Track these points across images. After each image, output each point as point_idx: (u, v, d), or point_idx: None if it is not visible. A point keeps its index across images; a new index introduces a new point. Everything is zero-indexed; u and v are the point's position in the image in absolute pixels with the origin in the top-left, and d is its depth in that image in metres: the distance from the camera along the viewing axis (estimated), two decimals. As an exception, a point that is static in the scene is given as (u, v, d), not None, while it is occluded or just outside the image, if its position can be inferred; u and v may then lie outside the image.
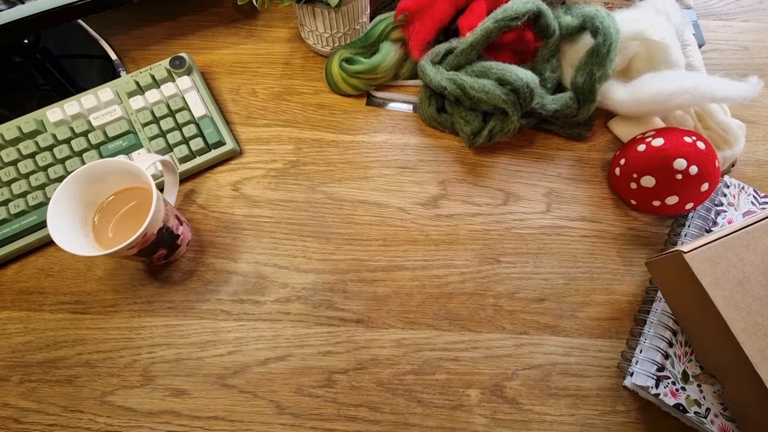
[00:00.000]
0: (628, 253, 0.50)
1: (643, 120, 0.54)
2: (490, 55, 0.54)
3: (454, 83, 0.51)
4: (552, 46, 0.53)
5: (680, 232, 0.49)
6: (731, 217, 0.49)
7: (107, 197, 0.45)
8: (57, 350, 0.45)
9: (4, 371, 0.45)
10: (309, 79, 0.59)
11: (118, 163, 0.43)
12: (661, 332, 0.44)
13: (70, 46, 0.61)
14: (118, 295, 0.48)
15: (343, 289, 0.48)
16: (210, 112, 0.54)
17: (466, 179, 0.54)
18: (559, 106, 0.52)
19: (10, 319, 0.47)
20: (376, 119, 0.57)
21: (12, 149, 0.49)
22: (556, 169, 0.54)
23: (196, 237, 0.50)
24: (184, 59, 0.55)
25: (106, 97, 0.52)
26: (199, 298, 0.47)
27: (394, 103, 0.58)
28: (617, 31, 0.49)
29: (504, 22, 0.49)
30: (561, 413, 0.44)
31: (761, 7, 0.66)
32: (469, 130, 0.53)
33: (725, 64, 0.61)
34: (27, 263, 0.49)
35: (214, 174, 0.54)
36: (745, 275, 0.39)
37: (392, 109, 0.58)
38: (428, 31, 0.54)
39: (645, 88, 0.50)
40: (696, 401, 0.42)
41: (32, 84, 0.58)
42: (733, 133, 0.51)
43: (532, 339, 0.47)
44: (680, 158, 0.45)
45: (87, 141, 0.51)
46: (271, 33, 0.62)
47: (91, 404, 0.43)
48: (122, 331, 0.46)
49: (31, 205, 0.48)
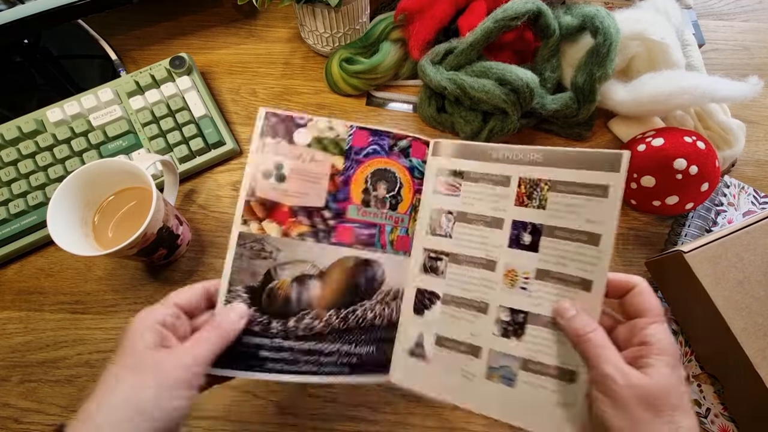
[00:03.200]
0: (628, 253, 0.50)
1: (643, 120, 0.54)
2: (490, 55, 0.54)
3: (454, 83, 0.51)
4: (552, 46, 0.53)
5: (680, 232, 0.49)
6: (731, 217, 0.49)
7: (107, 197, 0.45)
8: (57, 350, 0.45)
9: (4, 371, 0.45)
10: (309, 79, 0.59)
11: (118, 163, 0.43)
12: (661, 332, 0.44)
13: (70, 46, 0.61)
14: (118, 295, 0.48)
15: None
16: (210, 112, 0.54)
17: (466, 179, 0.54)
18: (559, 106, 0.52)
19: (10, 319, 0.47)
20: (376, 119, 0.57)
21: (12, 149, 0.49)
22: (556, 169, 0.54)
23: (196, 237, 0.50)
24: (184, 59, 0.55)
25: (106, 97, 0.52)
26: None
27: (394, 103, 0.58)
28: (617, 31, 0.49)
29: (504, 21, 0.49)
30: (561, 413, 0.44)
31: (761, 7, 0.66)
32: (469, 129, 0.53)
33: (725, 64, 0.61)
34: (27, 263, 0.49)
35: (214, 174, 0.53)
36: (745, 275, 0.39)
37: (392, 109, 0.58)
38: (428, 30, 0.54)
39: (645, 88, 0.50)
40: (696, 401, 0.42)
41: (32, 84, 0.58)
42: (733, 133, 0.51)
43: (532, 339, 0.47)
44: (680, 158, 0.45)
45: (87, 141, 0.51)
46: (271, 33, 0.62)
47: (91, 404, 0.43)
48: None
49: (31, 205, 0.48)
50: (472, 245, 0.35)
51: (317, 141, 0.36)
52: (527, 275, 0.34)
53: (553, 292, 0.33)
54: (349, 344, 0.35)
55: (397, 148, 0.37)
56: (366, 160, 0.37)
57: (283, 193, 0.35)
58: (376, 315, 0.36)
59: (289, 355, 0.34)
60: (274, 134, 0.36)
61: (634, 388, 0.27)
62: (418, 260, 0.37)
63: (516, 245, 0.34)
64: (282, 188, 0.35)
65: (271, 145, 0.36)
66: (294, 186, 0.36)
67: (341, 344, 0.35)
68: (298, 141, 0.36)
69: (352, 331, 0.35)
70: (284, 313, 0.34)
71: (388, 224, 0.36)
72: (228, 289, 0.34)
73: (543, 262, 0.33)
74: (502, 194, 0.35)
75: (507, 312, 0.34)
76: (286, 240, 0.35)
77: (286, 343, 0.34)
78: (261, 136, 0.36)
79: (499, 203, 0.35)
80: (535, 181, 0.34)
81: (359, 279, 0.36)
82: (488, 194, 0.35)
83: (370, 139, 0.37)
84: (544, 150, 0.34)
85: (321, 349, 0.35)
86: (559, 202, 0.33)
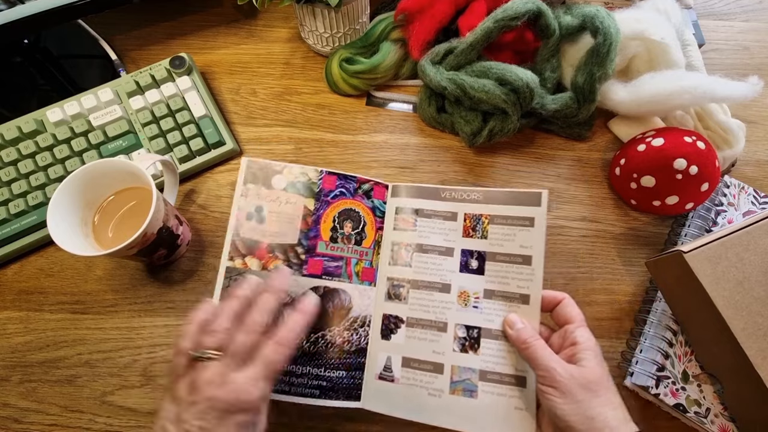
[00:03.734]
0: (628, 253, 0.50)
1: (643, 120, 0.54)
2: (491, 55, 0.54)
3: (454, 83, 0.51)
4: (552, 46, 0.53)
5: (680, 232, 0.49)
6: (731, 217, 0.49)
7: (107, 197, 0.45)
8: (57, 350, 0.45)
9: (4, 371, 0.45)
10: (309, 79, 0.59)
11: (118, 163, 0.43)
12: (662, 332, 0.44)
13: (70, 46, 0.61)
14: (118, 295, 0.48)
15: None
16: (210, 112, 0.54)
17: (466, 179, 0.54)
18: (559, 106, 0.52)
19: (10, 319, 0.47)
20: (376, 119, 0.57)
21: (12, 149, 0.49)
22: (556, 169, 0.54)
23: (196, 237, 0.50)
24: (184, 59, 0.55)
25: (106, 97, 0.52)
26: (199, 298, 0.47)
27: (394, 103, 0.58)
28: (617, 31, 0.49)
29: (504, 21, 0.49)
30: (561, 413, 0.44)
31: (761, 7, 0.66)
32: (469, 130, 0.53)
33: (725, 64, 0.61)
34: (27, 263, 0.49)
35: (214, 174, 0.53)
36: (745, 275, 0.39)
37: (392, 109, 0.58)
38: (428, 30, 0.54)
39: (645, 88, 0.50)
40: (696, 401, 0.42)
41: (32, 84, 0.58)
42: (733, 133, 0.51)
43: (532, 339, 0.47)
44: (680, 158, 0.45)
45: (87, 141, 0.51)
46: (271, 33, 0.62)
47: (91, 404, 0.43)
48: (122, 331, 0.46)
49: (31, 205, 0.48)
50: (429, 272, 0.41)
51: (292, 185, 0.42)
52: (477, 295, 0.40)
53: (500, 308, 0.39)
54: (318, 367, 0.39)
55: (361, 190, 0.44)
56: (334, 201, 0.43)
57: (263, 233, 0.41)
58: (345, 340, 0.40)
59: None
60: (254, 180, 0.42)
61: (574, 377, 0.33)
62: (382, 289, 0.42)
63: (465, 270, 0.40)
64: (261, 228, 0.41)
65: (252, 189, 0.41)
66: (272, 227, 0.41)
67: (311, 367, 0.39)
68: (276, 185, 0.42)
69: (322, 355, 0.39)
70: None
71: (354, 257, 0.42)
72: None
73: (489, 283, 0.40)
74: (451, 227, 0.42)
75: (463, 329, 0.39)
76: (265, 273, 0.40)
77: None
78: (244, 182, 0.41)
79: (449, 235, 0.41)
80: (478, 216, 0.41)
81: (327, 304, 0.40)
82: (440, 228, 0.42)
83: (338, 183, 0.43)
84: (483, 190, 0.42)
85: (293, 371, 0.38)
86: (498, 232, 0.40)
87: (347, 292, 0.41)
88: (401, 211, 0.43)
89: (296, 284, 0.40)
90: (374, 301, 0.41)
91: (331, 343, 0.39)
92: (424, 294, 0.41)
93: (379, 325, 0.41)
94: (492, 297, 0.39)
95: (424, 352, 0.39)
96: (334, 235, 0.42)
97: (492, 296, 0.39)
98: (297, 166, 0.43)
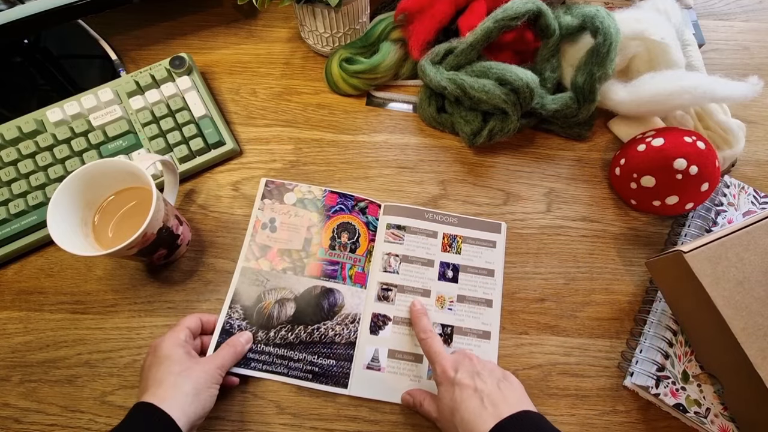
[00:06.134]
0: (628, 253, 0.50)
1: (643, 120, 0.54)
2: (491, 55, 0.54)
3: (454, 83, 0.51)
4: (552, 46, 0.53)
5: (680, 232, 0.49)
6: (731, 217, 0.49)
7: (107, 197, 0.45)
8: (57, 350, 0.45)
9: (4, 371, 0.45)
10: (309, 79, 0.59)
11: (118, 163, 0.43)
12: (662, 332, 0.44)
13: (70, 46, 0.61)
14: (118, 295, 0.48)
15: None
16: (210, 112, 0.54)
17: (466, 179, 0.54)
18: (559, 106, 0.52)
19: (10, 319, 0.47)
20: (376, 119, 0.57)
21: (12, 149, 0.49)
22: (556, 169, 0.54)
23: (196, 237, 0.50)
24: (184, 59, 0.55)
25: (106, 97, 0.52)
26: (199, 298, 0.47)
27: (394, 103, 0.58)
28: (617, 31, 0.49)
29: (504, 21, 0.49)
30: (561, 413, 0.44)
31: (761, 7, 0.66)
32: (469, 130, 0.53)
33: (725, 64, 0.61)
34: (27, 263, 0.49)
35: (214, 174, 0.53)
36: (745, 275, 0.39)
37: (392, 109, 0.58)
38: (428, 30, 0.54)
39: (645, 88, 0.50)
40: (696, 401, 0.42)
41: (32, 84, 0.58)
42: (733, 133, 0.51)
43: (532, 339, 0.47)
44: (680, 158, 0.45)
45: (87, 141, 0.51)
46: (271, 33, 0.62)
47: (91, 404, 0.43)
48: (122, 331, 0.46)
49: (31, 205, 0.48)
50: (413, 279, 0.48)
51: (300, 201, 0.51)
52: (452, 299, 0.48)
53: (469, 310, 0.47)
54: (313, 355, 0.45)
55: (358, 207, 0.51)
56: (334, 216, 0.50)
57: (274, 240, 0.49)
58: (336, 333, 0.46)
59: (268, 357, 0.44)
60: (270, 196, 0.51)
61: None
62: (373, 292, 0.48)
63: (443, 279, 0.49)
64: (274, 236, 0.49)
65: (268, 204, 0.51)
66: (282, 235, 0.49)
67: (307, 354, 0.45)
68: (287, 201, 0.51)
69: (316, 344, 0.45)
70: (267, 326, 0.46)
71: (348, 263, 0.48)
72: (230, 305, 0.46)
73: (461, 290, 0.48)
74: (432, 243, 0.50)
75: (439, 326, 0.47)
76: (273, 272, 0.48)
77: (266, 348, 0.45)
78: (261, 198, 0.51)
79: (430, 249, 0.50)
80: (454, 236, 0.50)
81: (323, 302, 0.47)
82: (423, 243, 0.50)
83: (338, 200, 0.51)
84: (459, 217, 0.51)
85: (291, 356, 0.45)
86: (469, 250, 0.50)
87: (341, 293, 0.47)
88: (391, 226, 0.50)
89: (298, 283, 0.47)
90: (365, 302, 0.47)
91: (325, 335, 0.46)
92: (408, 297, 0.48)
93: (368, 322, 0.47)
94: (463, 301, 0.48)
95: (407, 345, 0.46)
96: (333, 243, 0.49)
97: (463, 300, 0.48)
98: (305, 185, 0.51)
